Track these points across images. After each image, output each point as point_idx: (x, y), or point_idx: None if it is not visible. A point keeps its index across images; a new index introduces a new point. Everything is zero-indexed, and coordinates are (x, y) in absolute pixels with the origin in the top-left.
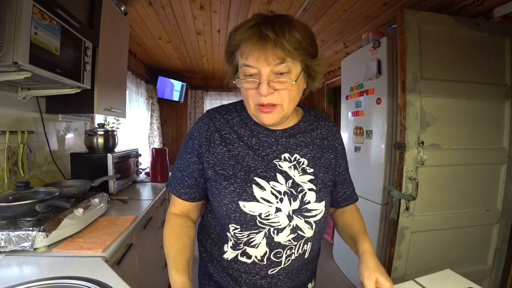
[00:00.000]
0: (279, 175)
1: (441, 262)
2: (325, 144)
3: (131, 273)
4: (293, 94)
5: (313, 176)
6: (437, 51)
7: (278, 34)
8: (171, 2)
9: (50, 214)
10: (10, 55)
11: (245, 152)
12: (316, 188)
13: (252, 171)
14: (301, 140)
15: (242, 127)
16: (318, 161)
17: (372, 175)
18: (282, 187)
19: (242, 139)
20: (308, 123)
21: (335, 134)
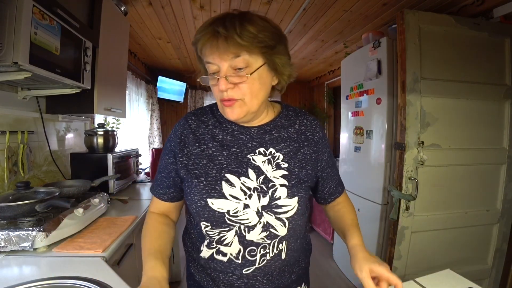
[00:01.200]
0: (251, 171)
1: (441, 262)
2: (302, 139)
3: (131, 273)
4: (255, 88)
5: (286, 172)
6: (437, 51)
7: (229, 29)
8: (171, 2)
9: (50, 214)
10: (10, 55)
11: (219, 151)
12: (289, 184)
13: (224, 168)
14: (278, 136)
15: (217, 127)
16: (294, 156)
17: (372, 175)
18: (253, 183)
19: (217, 139)
20: (285, 118)
21: (315, 128)
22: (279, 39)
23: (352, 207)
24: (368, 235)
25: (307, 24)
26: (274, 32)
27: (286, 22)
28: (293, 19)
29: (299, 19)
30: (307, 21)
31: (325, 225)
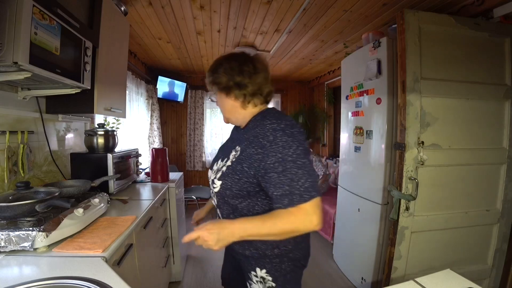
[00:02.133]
0: (226, 158)
1: (441, 262)
2: (253, 140)
3: (131, 273)
4: (225, 107)
5: (230, 163)
6: (437, 51)
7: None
8: (171, 2)
9: (50, 214)
10: (10, 55)
11: (225, 143)
12: (225, 171)
13: (218, 155)
14: (246, 137)
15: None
16: (243, 152)
17: (372, 175)
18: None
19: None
20: (252, 123)
21: (266, 133)
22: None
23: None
24: (368, 235)
25: (307, 24)
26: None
27: (286, 22)
28: (293, 19)
29: (299, 19)
30: (307, 21)
31: (325, 225)
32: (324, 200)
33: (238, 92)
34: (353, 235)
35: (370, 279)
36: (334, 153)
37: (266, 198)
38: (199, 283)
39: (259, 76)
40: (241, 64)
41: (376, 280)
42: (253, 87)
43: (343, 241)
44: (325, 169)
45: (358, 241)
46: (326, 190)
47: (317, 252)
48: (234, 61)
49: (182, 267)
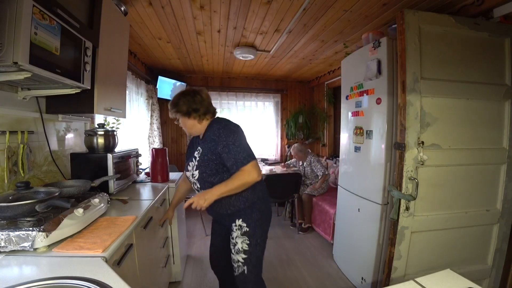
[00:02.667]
0: (193, 158)
1: (441, 262)
2: (208, 139)
3: (131, 273)
4: (186, 125)
5: (198, 158)
6: (437, 51)
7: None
8: (171, 2)
9: (50, 214)
10: (10, 55)
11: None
12: (198, 164)
13: (188, 159)
14: (203, 141)
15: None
16: (204, 149)
17: (372, 175)
18: (193, 163)
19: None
20: (207, 130)
21: (214, 132)
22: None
23: (236, 177)
24: (368, 235)
25: (307, 24)
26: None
27: (286, 22)
28: (293, 19)
29: (299, 19)
30: (307, 21)
31: (325, 225)
32: (324, 200)
33: (195, 114)
34: (353, 235)
35: (370, 279)
36: (334, 153)
37: (228, 171)
38: (199, 283)
39: (205, 102)
40: (192, 97)
41: (376, 280)
42: (203, 109)
43: (343, 241)
44: (324, 169)
45: (358, 241)
46: (326, 190)
47: (317, 252)
48: (188, 95)
49: (182, 267)
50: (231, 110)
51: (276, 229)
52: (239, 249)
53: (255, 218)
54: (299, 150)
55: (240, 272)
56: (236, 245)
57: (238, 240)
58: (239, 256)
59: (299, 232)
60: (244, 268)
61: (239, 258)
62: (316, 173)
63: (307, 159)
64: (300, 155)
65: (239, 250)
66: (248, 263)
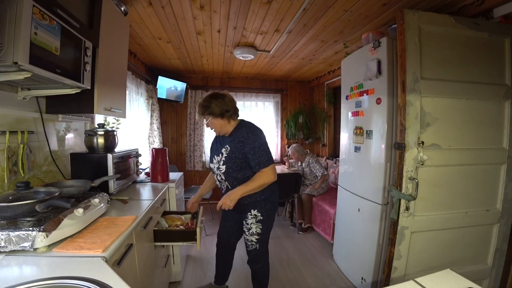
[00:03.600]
0: (220, 154)
1: (441, 262)
2: (237, 139)
3: (131, 273)
4: (216, 126)
5: (226, 155)
6: (437, 51)
7: (199, 112)
8: (171, 2)
9: (50, 214)
10: (10, 55)
11: (215, 147)
12: (225, 159)
13: (213, 153)
14: (231, 140)
15: (219, 138)
16: (232, 147)
17: (372, 175)
18: (219, 158)
19: (217, 143)
20: (235, 131)
21: (244, 134)
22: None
23: (257, 179)
24: (368, 235)
25: (307, 24)
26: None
27: (286, 22)
28: (293, 19)
29: (299, 19)
30: (307, 21)
31: (325, 225)
32: (324, 200)
33: (227, 114)
34: (353, 235)
35: (370, 279)
36: (334, 153)
37: (250, 169)
38: (199, 283)
39: (233, 103)
40: (223, 99)
41: (376, 280)
42: (232, 110)
43: (343, 241)
44: (323, 170)
45: (358, 241)
46: (326, 190)
47: (317, 252)
48: (219, 98)
49: (182, 267)
50: None
51: (276, 229)
52: (253, 232)
53: (268, 208)
54: (296, 150)
55: (253, 248)
56: (250, 229)
57: (252, 226)
58: (253, 237)
59: (299, 232)
60: (256, 246)
61: (252, 239)
62: (315, 174)
63: (305, 160)
64: (297, 156)
65: (253, 233)
66: (260, 242)
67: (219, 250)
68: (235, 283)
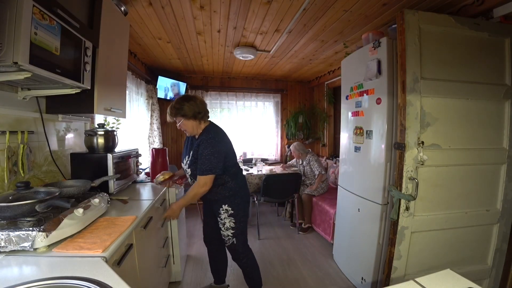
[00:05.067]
0: (187, 156)
1: (441, 262)
2: (198, 143)
3: (131, 273)
4: (189, 127)
5: (192, 157)
6: (437, 51)
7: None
8: (171, 2)
9: (50, 214)
10: (10, 55)
11: (186, 147)
12: (190, 162)
13: (184, 154)
14: (198, 141)
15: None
16: (195, 150)
17: (372, 175)
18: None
19: (187, 143)
20: (201, 133)
21: (203, 139)
22: (179, 108)
23: (190, 190)
24: (368, 235)
25: (307, 24)
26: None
27: (286, 22)
28: (293, 19)
29: (299, 19)
30: (307, 21)
31: (325, 225)
32: (324, 200)
33: (198, 116)
34: (353, 235)
35: (370, 279)
36: (334, 153)
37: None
38: (199, 283)
39: (203, 106)
40: (195, 101)
41: (376, 280)
42: (203, 112)
43: (343, 241)
44: (321, 169)
45: (358, 241)
46: (326, 190)
47: (317, 252)
48: (191, 100)
49: (182, 267)
50: (231, 110)
51: (276, 229)
52: (227, 227)
53: (237, 202)
54: (296, 148)
55: (231, 243)
56: (225, 224)
57: (226, 220)
58: (228, 231)
59: (299, 232)
60: (233, 240)
61: (228, 233)
62: (315, 173)
63: (306, 158)
64: (298, 154)
65: (227, 227)
66: (235, 235)
67: (207, 246)
68: (236, 283)
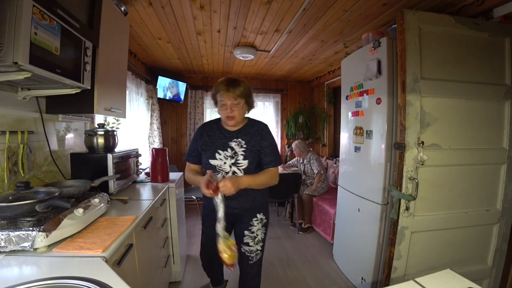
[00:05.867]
0: (229, 149)
1: (441, 262)
2: (256, 133)
3: (131, 273)
4: (240, 113)
5: (244, 148)
6: (437, 51)
7: (236, 91)
8: (171, 2)
9: (50, 214)
10: (10, 55)
11: (216, 140)
12: (245, 154)
13: (216, 147)
14: (243, 133)
15: (217, 130)
16: (250, 141)
17: (372, 175)
18: (229, 153)
19: (216, 135)
20: (248, 125)
21: (263, 129)
22: (249, 92)
23: (266, 174)
24: (368, 235)
25: (307, 24)
26: (249, 90)
27: (286, 22)
28: (293, 19)
29: (299, 19)
30: (307, 21)
31: (325, 225)
32: (324, 200)
33: (251, 107)
34: (353, 235)
35: (370, 279)
36: (334, 153)
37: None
38: (199, 283)
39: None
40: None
41: (376, 280)
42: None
43: (343, 241)
44: (320, 168)
45: (358, 241)
46: (326, 190)
47: (317, 252)
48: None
49: (182, 267)
50: None
51: (276, 229)
52: (259, 239)
53: (268, 209)
54: (297, 146)
55: (258, 258)
56: (256, 237)
57: (258, 232)
58: (258, 246)
59: (299, 232)
60: (261, 255)
61: (258, 247)
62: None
63: (307, 156)
64: (299, 152)
65: (258, 240)
66: (263, 249)
67: (205, 249)
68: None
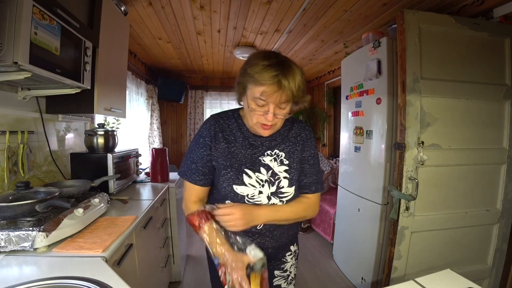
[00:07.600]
0: (262, 168)
1: (441, 262)
2: (298, 139)
3: (131, 273)
4: (283, 120)
5: (287, 167)
6: (437, 51)
7: (290, 86)
8: (171, 2)
9: (50, 214)
10: (10, 55)
11: (239, 150)
12: (289, 176)
13: (243, 164)
14: (280, 140)
15: (238, 131)
16: (292, 154)
17: (372, 175)
18: (264, 176)
19: (238, 140)
20: (284, 126)
21: (305, 132)
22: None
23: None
24: (368, 235)
25: (307, 24)
26: (305, 86)
27: (286, 22)
28: (293, 19)
29: (299, 19)
30: (307, 21)
31: (325, 225)
32: (324, 200)
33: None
34: (353, 235)
35: (370, 279)
36: (334, 153)
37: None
38: (199, 283)
39: None
40: None
41: (376, 280)
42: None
43: (343, 241)
44: (331, 164)
45: (358, 241)
46: (326, 190)
47: (317, 252)
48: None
49: (182, 267)
50: None
51: None
52: (292, 277)
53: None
54: None
55: None
56: (289, 275)
57: (292, 269)
58: (291, 285)
59: (299, 232)
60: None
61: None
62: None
63: None
64: None
65: (292, 278)
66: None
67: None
68: None
